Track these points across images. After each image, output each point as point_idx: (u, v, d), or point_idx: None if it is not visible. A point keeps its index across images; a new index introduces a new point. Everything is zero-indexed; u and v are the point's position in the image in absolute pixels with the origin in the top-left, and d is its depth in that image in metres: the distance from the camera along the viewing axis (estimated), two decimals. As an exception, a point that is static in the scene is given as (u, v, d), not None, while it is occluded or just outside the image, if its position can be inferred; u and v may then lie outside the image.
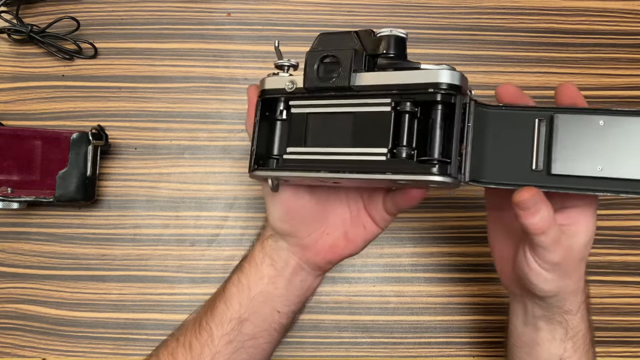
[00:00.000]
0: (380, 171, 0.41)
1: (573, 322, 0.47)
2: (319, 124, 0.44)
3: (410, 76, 0.41)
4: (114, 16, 0.68)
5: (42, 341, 0.63)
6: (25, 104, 0.67)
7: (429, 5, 0.69)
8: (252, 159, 0.45)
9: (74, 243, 0.65)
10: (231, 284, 0.51)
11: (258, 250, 0.51)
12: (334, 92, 0.43)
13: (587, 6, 0.70)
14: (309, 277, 0.51)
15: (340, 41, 0.43)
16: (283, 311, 0.51)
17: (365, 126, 0.43)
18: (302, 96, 0.44)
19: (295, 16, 0.69)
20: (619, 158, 0.41)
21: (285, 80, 0.44)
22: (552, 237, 0.41)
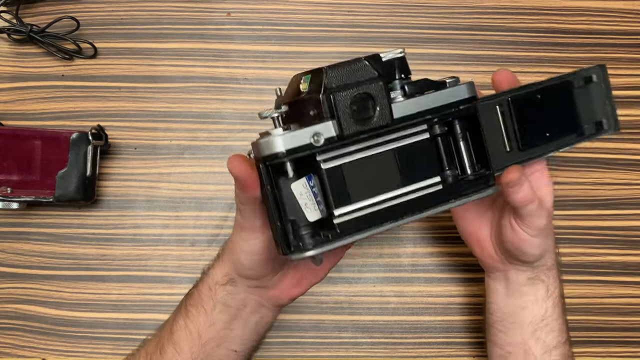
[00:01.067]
0: (443, 201, 0.41)
1: (551, 278, 0.51)
2: (359, 172, 0.39)
3: (442, 97, 0.40)
4: (114, 16, 0.68)
5: (42, 341, 0.63)
6: (25, 104, 0.67)
7: (429, 5, 0.69)
8: (283, 237, 0.38)
9: (73, 243, 0.65)
10: (178, 328, 0.49)
11: (207, 297, 0.48)
12: (372, 133, 0.38)
13: (587, 6, 0.70)
14: (267, 314, 0.50)
15: (355, 73, 0.38)
16: (240, 350, 0.50)
17: (409, 160, 0.40)
18: (333, 147, 0.38)
19: (295, 16, 0.69)
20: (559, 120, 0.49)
21: (308, 133, 0.37)
22: (537, 204, 0.46)
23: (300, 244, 0.38)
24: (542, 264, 0.50)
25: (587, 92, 0.51)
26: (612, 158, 0.67)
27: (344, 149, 0.38)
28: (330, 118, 0.37)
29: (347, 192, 0.38)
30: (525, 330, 0.51)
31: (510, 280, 0.52)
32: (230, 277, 0.47)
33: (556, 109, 0.49)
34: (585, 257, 0.66)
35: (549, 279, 0.51)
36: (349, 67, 0.38)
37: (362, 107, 0.37)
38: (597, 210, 0.66)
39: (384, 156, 0.39)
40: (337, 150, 0.38)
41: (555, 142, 0.49)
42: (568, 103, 0.50)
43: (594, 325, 0.65)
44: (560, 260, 0.53)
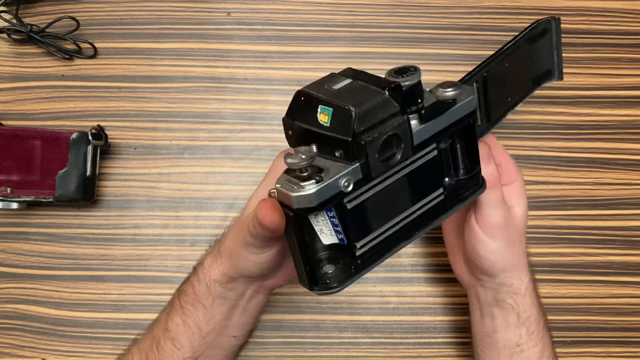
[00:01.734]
0: (446, 209, 0.42)
1: (523, 305, 0.50)
2: (377, 203, 0.39)
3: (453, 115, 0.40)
4: (113, 16, 0.68)
5: (42, 341, 0.63)
6: (25, 104, 0.67)
7: (429, 5, 0.69)
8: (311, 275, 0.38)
9: (73, 243, 0.65)
10: (174, 325, 0.49)
11: (204, 294, 0.48)
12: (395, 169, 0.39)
13: (587, 6, 0.70)
14: (265, 297, 0.50)
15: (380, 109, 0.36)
16: (239, 334, 0.50)
17: (419, 179, 0.41)
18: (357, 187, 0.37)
19: (295, 16, 0.69)
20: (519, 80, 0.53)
21: (339, 183, 0.36)
22: (499, 195, 0.47)
23: (327, 281, 0.38)
24: (505, 283, 0.50)
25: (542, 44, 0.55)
26: (612, 158, 0.67)
27: (368, 184, 0.38)
28: (358, 161, 0.36)
29: (367, 224, 0.39)
30: (501, 354, 0.51)
31: (480, 298, 0.52)
32: (231, 276, 0.47)
33: (517, 71, 0.51)
34: (585, 257, 0.66)
35: (519, 305, 0.50)
36: (374, 103, 0.36)
37: (389, 148, 0.37)
38: (597, 210, 0.66)
39: (398, 182, 0.40)
40: (362, 188, 0.38)
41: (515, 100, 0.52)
42: (525, 61, 0.53)
43: (594, 325, 0.65)
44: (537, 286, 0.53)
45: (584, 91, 0.68)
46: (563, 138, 0.67)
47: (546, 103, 0.68)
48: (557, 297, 0.65)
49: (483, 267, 0.49)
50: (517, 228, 0.49)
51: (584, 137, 0.67)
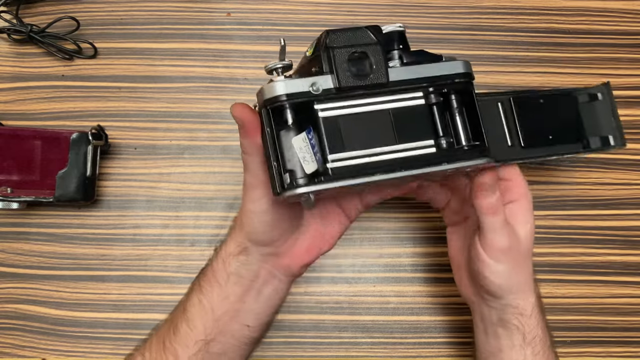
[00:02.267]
0: (435, 163, 0.42)
1: (529, 325, 0.49)
2: (355, 126, 0.41)
3: (437, 69, 0.43)
4: (114, 16, 0.68)
5: (42, 341, 0.63)
6: (25, 104, 0.67)
7: (429, 5, 0.69)
8: (279, 176, 0.40)
9: (73, 243, 0.65)
10: (191, 305, 0.49)
11: (220, 269, 0.49)
12: (367, 91, 0.41)
13: (587, 6, 0.70)
14: (280, 285, 0.50)
15: (356, 37, 0.41)
16: (253, 325, 0.50)
17: (404, 121, 0.42)
18: (329, 98, 0.41)
19: (295, 16, 0.69)
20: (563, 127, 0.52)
21: (305, 83, 0.40)
22: (502, 219, 0.46)
23: (293, 183, 0.40)
24: (511, 304, 0.49)
25: (592, 107, 0.54)
26: (612, 158, 0.67)
27: (342, 102, 0.41)
28: (329, 72, 0.40)
29: (341, 141, 0.41)
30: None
31: (484, 317, 0.51)
32: (244, 246, 0.48)
33: (560, 117, 0.51)
34: (585, 257, 0.66)
35: (524, 326, 0.49)
36: (350, 32, 0.41)
37: (360, 65, 0.41)
38: (597, 210, 0.66)
39: (380, 114, 0.42)
40: (335, 102, 0.41)
41: (559, 146, 0.51)
42: (572, 114, 0.53)
43: (594, 325, 0.65)
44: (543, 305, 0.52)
45: (584, 91, 0.68)
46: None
47: (546, 103, 0.68)
48: (557, 297, 0.65)
49: (489, 288, 0.48)
50: (522, 249, 0.49)
51: (584, 137, 0.67)
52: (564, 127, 0.52)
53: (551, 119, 0.51)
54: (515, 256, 0.48)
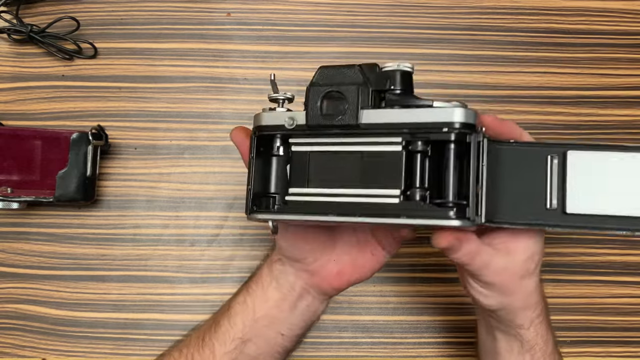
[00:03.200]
0: (393, 215, 0.40)
1: (527, 336, 0.47)
2: (323, 163, 0.41)
3: (422, 115, 0.39)
4: (114, 16, 0.68)
5: (42, 341, 0.63)
6: (25, 104, 0.67)
7: (429, 5, 0.69)
8: (249, 199, 0.43)
9: (74, 243, 0.65)
10: (236, 303, 0.51)
11: (266, 272, 0.51)
12: (340, 130, 0.40)
13: (587, 6, 0.70)
14: (314, 302, 0.51)
15: (343, 75, 0.40)
16: (287, 334, 0.51)
17: (374, 166, 0.41)
18: (304, 134, 0.41)
19: (295, 16, 0.69)
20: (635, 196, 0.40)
21: (284, 116, 0.41)
22: (479, 265, 0.43)
23: (254, 209, 0.42)
24: (507, 318, 0.47)
25: None
26: (612, 158, 0.67)
27: (315, 138, 0.41)
28: (305, 109, 0.41)
29: (306, 177, 0.42)
30: None
31: (486, 320, 0.50)
32: (278, 256, 0.50)
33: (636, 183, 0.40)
34: (585, 257, 0.66)
35: (522, 336, 0.48)
36: (342, 69, 0.41)
37: (334, 105, 0.40)
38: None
39: (350, 155, 0.41)
40: (308, 138, 0.42)
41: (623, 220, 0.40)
42: None
43: (594, 325, 0.65)
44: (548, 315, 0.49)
45: (584, 91, 0.68)
46: (563, 138, 0.67)
47: (546, 103, 0.68)
48: (557, 297, 0.65)
49: (484, 307, 0.47)
50: (512, 277, 0.45)
51: (584, 137, 0.67)
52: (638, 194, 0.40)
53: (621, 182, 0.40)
54: (505, 283, 0.45)
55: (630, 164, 0.40)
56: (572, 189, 0.40)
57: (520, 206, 0.41)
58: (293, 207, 0.42)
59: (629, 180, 0.40)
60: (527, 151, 0.42)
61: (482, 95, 0.67)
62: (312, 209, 0.41)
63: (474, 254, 0.42)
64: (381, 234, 0.49)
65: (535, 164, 0.41)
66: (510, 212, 0.41)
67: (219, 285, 0.64)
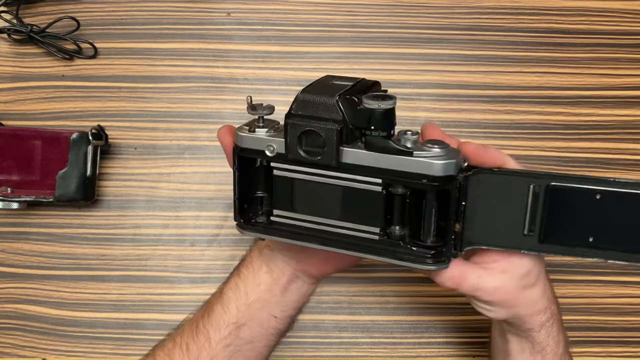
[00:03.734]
0: (374, 252, 0.41)
1: (538, 338, 0.48)
2: (307, 191, 0.42)
3: (402, 163, 0.38)
4: (114, 16, 0.68)
5: (42, 341, 0.63)
6: (25, 104, 0.67)
7: (429, 5, 0.69)
8: (235, 209, 0.44)
9: (73, 243, 0.65)
10: (228, 288, 0.52)
11: (256, 256, 0.52)
12: (317, 168, 0.40)
13: (587, 6, 0.70)
14: (304, 285, 0.52)
15: (322, 108, 0.39)
16: (280, 316, 0.52)
17: (354, 201, 0.41)
18: (285, 161, 0.41)
19: (295, 16, 0.69)
20: (613, 230, 0.41)
21: (265, 142, 0.41)
22: (468, 289, 0.43)
23: (241, 222, 0.44)
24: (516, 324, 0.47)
25: None
26: (612, 158, 0.67)
27: (297, 166, 0.41)
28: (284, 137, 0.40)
29: (290, 201, 0.43)
30: None
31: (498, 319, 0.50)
32: (267, 243, 0.51)
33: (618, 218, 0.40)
34: (585, 257, 0.66)
35: (533, 338, 0.48)
36: (320, 99, 0.39)
37: (313, 142, 0.39)
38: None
39: (331, 188, 0.41)
40: (290, 164, 0.41)
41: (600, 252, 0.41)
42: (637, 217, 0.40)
43: (594, 325, 0.65)
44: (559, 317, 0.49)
45: (584, 91, 0.68)
46: (563, 138, 0.67)
47: (546, 103, 0.68)
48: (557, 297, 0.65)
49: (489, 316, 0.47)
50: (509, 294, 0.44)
51: (584, 137, 0.67)
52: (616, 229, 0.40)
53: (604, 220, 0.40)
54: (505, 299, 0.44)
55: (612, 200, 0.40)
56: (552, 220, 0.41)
57: (498, 230, 0.42)
58: (278, 229, 0.43)
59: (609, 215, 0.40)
60: (510, 180, 0.41)
61: (482, 95, 0.67)
62: (297, 234, 0.42)
63: (460, 279, 0.43)
64: None
65: (517, 192, 0.41)
66: (488, 235, 0.42)
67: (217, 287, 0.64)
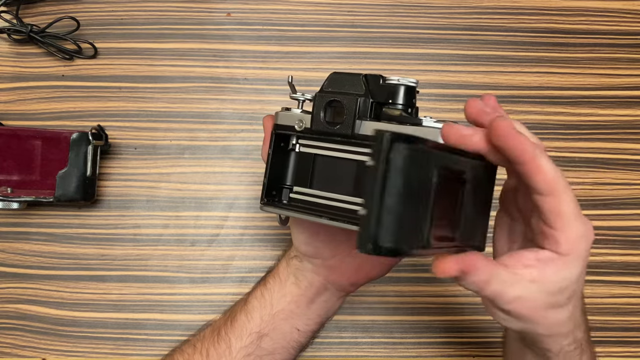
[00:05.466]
0: None
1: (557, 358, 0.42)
2: (326, 167, 0.43)
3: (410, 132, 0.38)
4: (114, 16, 0.68)
5: (42, 341, 0.63)
6: (25, 104, 0.67)
7: (429, 5, 0.69)
8: (264, 191, 0.44)
9: (74, 243, 0.65)
10: (253, 297, 0.51)
11: (283, 267, 0.51)
12: (339, 138, 0.42)
13: (587, 6, 0.70)
14: (332, 298, 0.51)
15: (349, 84, 0.42)
16: (302, 330, 0.51)
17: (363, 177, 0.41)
18: (310, 136, 0.43)
19: (295, 16, 0.69)
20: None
21: (296, 117, 0.43)
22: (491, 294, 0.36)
23: (265, 201, 0.44)
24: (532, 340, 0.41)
25: None
26: (612, 158, 0.67)
27: (320, 142, 0.43)
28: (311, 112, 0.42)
29: (309, 177, 0.44)
30: None
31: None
32: (296, 253, 0.50)
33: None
34: (585, 257, 0.66)
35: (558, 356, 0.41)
36: (349, 77, 0.42)
37: (337, 112, 0.42)
38: (597, 210, 0.66)
39: (348, 163, 0.42)
40: (313, 140, 0.43)
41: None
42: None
43: (594, 325, 0.65)
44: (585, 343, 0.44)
45: (584, 91, 0.68)
46: (563, 138, 0.67)
47: (546, 103, 0.68)
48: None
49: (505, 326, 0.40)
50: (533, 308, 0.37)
51: (584, 137, 0.67)
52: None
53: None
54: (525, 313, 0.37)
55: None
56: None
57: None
58: (294, 205, 0.44)
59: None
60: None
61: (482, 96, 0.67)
62: (308, 209, 0.43)
63: (483, 283, 0.35)
64: None
65: None
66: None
67: (219, 285, 0.64)
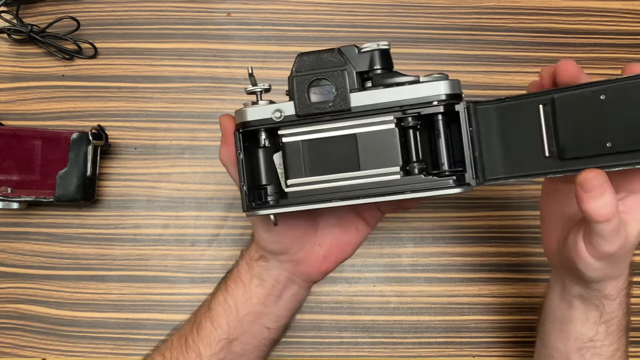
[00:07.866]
0: (398, 191, 0.40)
1: (610, 307, 0.46)
2: (317, 151, 0.42)
3: (410, 92, 0.40)
4: (114, 16, 0.68)
5: (42, 341, 0.63)
6: (25, 104, 0.67)
7: (429, 5, 0.69)
8: (244, 197, 0.42)
9: (74, 243, 0.65)
10: (217, 304, 0.50)
11: (245, 271, 0.50)
12: (331, 117, 0.41)
13: (587, 6, 0.70)
14: (299, 290, 0.51)
15: (324, 61, 0.41)
16: (273, 327, 0.51)
17: (370, 146, 0.41)
18: (293, 124, 0.42)
19: (295, 16, 0.69)
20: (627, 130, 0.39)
21: (271, 109, 0.42)
22: (613, 227, 0.39)
23: (253, 205, 0.42)
24: (598, 289, 0.45)
25: None
26: (612, 158, 0.67)
27: (306, 127, 0.41)
28: (292, 99, 0.41)
29: (302, 166, 0.42)
30: (570, 343, 0.48)
31: (565, 285, 0.48)
32: (261, 253, 0.49)
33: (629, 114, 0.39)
34: (585, 257, 0.66)
35: (605, 306, 0.46)
36: (321, 54, 0.41)
37: (322, 91, 0.40)
38: None
39: (345, 139, 0.41)
40: (298, 127, 0.42)
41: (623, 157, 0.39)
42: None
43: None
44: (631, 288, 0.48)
45: (584, 91, 0.68)
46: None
47: (546, 103, 0.68)
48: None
49: (580, 277, 0.45)
50: (628, 246, 0.42)
51: (584, 137, 0.67)
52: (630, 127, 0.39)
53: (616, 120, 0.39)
54: (620, 254, 0.42)
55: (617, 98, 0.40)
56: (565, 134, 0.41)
57: (520, 158, 0.42)
58: (294, 198, 0.42)
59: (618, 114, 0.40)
60: (520, 104, 0.42)
61: (482, 96, 0.67)
62: (314, 197, 0.41)
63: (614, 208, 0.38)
64: (364, 209, 0.49)
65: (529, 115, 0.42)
66: (511, 166, 0.42)
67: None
